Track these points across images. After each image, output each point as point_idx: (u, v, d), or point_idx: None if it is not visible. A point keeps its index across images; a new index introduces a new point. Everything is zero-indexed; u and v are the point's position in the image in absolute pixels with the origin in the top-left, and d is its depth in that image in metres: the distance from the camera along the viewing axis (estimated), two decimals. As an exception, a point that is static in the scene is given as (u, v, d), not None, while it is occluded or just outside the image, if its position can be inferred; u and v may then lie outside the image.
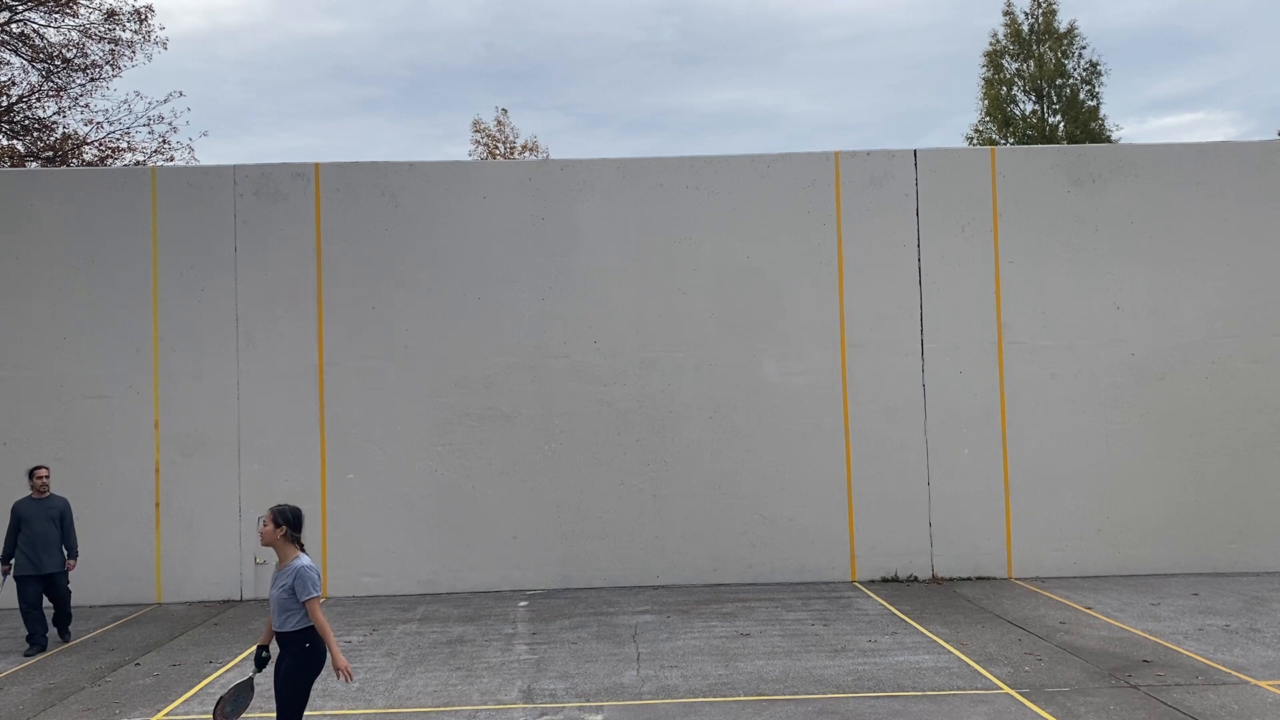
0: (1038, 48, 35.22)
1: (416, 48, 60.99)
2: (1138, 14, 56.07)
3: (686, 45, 65.38)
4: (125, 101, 38.33)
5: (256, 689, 6.28)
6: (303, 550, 6.16)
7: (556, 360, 12.98)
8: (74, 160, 25.50)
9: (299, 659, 5.99)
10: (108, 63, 25.90)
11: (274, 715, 6.13)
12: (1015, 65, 35.57)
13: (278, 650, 6.12)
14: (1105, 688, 8.13)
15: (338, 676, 5.94)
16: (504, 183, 13.16)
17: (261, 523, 6.12)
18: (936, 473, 12.92)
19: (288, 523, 6.09)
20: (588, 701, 8.02)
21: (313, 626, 6.00)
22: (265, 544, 6.14)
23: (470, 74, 62.86)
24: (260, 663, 6.13)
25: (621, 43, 64.22)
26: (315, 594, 5.94)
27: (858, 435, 12.95)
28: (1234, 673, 8.44)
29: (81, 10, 25.32)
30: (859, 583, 12.73)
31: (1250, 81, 56.29)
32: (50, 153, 25.50)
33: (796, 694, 8.13)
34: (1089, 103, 34.60)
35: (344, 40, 59.54)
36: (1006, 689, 8.13)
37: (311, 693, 8.54)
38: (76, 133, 26.03)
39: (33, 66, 25.49)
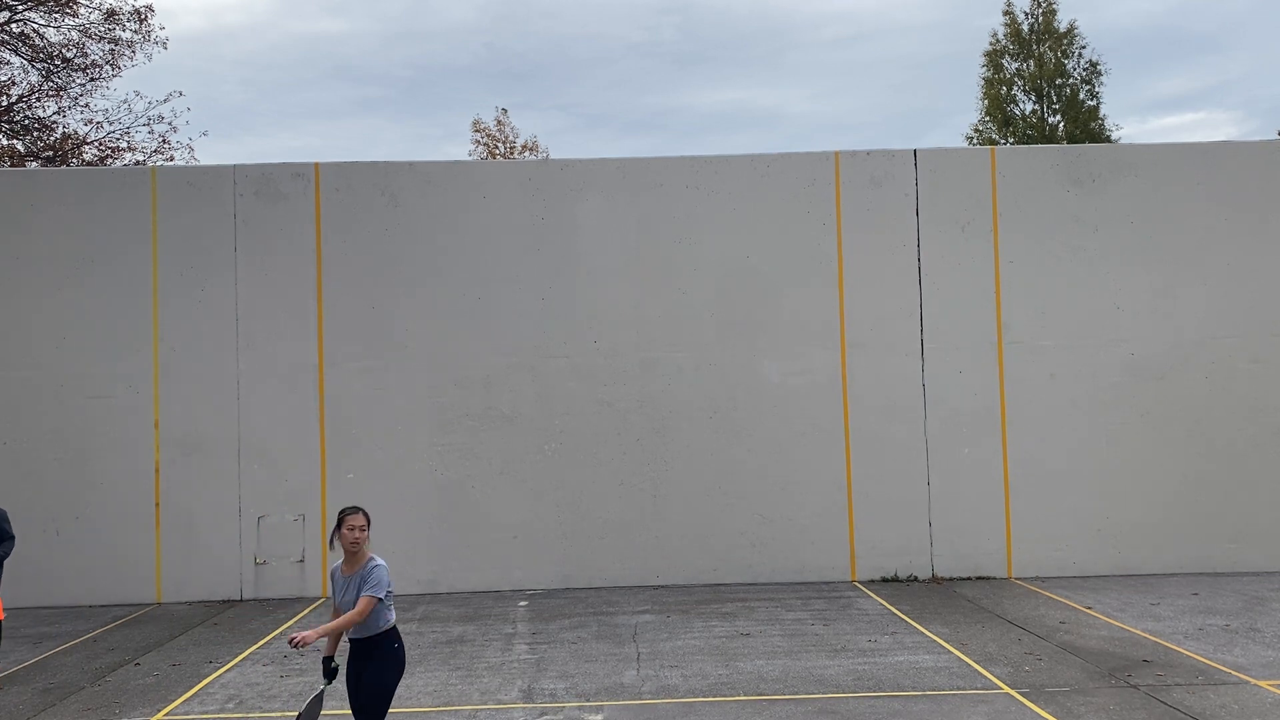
0: (1038, 48, 35.22)
1: (417, 48, 60.99)
2: (1138, 14, 56.11)
3: (687, 45, 65.40)
4: (125, 101, 38.34)
5: (326, 700, 6.01)
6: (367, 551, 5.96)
7: (556, 360, 12.98)
8: (74, 160, 25.49)
9: (387, 660, 5.81)
10: (108, 63, 25.91)
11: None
12: (1015, 65, 35.57)
13: (346, 658, 5.90)
14: (1105, 688, 8.13)
15: (293, 639, 5.45)
16: (504, 183, 13.15)
17: (357, 529, 5.85)
18: (936, 473, 12.92)
19: (368, 522, 5.93)
20: (588, 701, 8.02)
21: (395, 627, 5.90)
22: (356, 547, 5.86)
23: (470, 74, 62.89)
24: (330, 674, 5.85)
25: (622, 43, 64.25)
26: (382, 595, 5.76)
27: (857, 435, 12.95)
28: (1234, 673, 8.44)
29: (81, 10, 25.33)
30: (859, 583, 12.73)
31: (1251, 81, 56.33)
32: (50, 153, 25.50)
33: (796, 694, 8.13)
34: (1089, 103, 34.59)
35: (344, 40, 59.57)
36: (1006, 689, 8.13)
37: (311, 693, 8.56)
38: (76, 133, 26.04)
39: (33, 66, 25.49)
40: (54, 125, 25.98)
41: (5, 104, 25.19)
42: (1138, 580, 12.49)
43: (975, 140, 35.86)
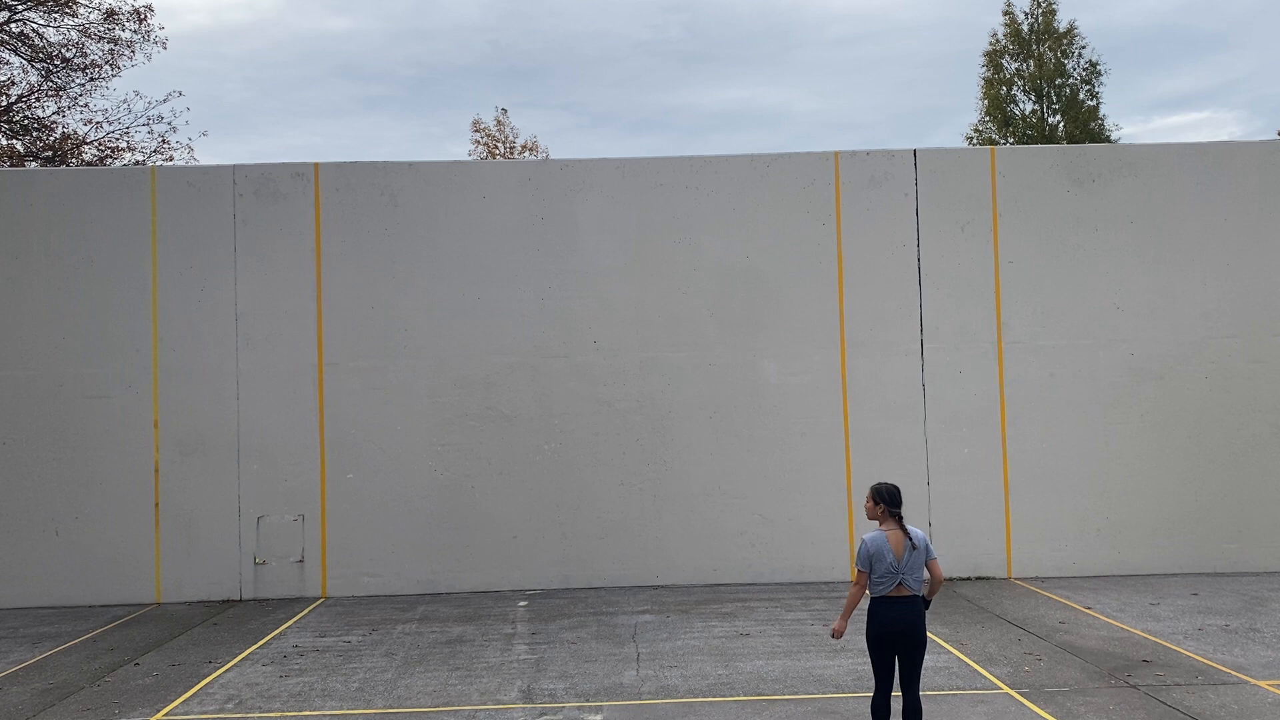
0: (1037, 47, 35.23)
1: (421, 45, 61.04)
2: (1144, 12, 56.15)
3: (693, 44, 65.44)
4: (125, 101, 38.35)
5: None
6: (882, 523, 6.57)
7: (556, 360, 12.97)
8: (74, 160, 25.49)
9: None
10: (107, 62, 25.91)
11: None
12: (1015, 65, 35.58)
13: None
14: (1105, 688, 8.12)
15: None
16: (504, 183, 13.15)
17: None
18: (936, 473, 12.92)
19: (880, 499, 6.59)
20: (587, 701, 8.02)
21: (873, 599, 6.53)
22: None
23: (475, 72, 62.94)
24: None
25: (628, 41, 64.29)
26: (857, 566, 6.55)
27: (857, 435, 12.95)
28: (1233, 673, 8.44)
29: (81, 10, 25.33)
30: (859, 583, 12.71)
31: (1256, 80, 56.40)
32: (50, 152, 25.49)
33: (796, 694, 8.13)
34: (1089, 103, 34.62)
35: (349, 38, 59.62)
36: (1006, 689, 8.13)
37: (311, 692, 8.58)
38: (76, 132, 26.04)
39: (32, 66, 25.49)
40: (54, 125, 25.99)
41: (5, 104, 25.19)
42: (1137, 580, 12.49)
43: (975, 140, 35.88)
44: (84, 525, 12.58)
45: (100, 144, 26.12)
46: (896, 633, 6.43)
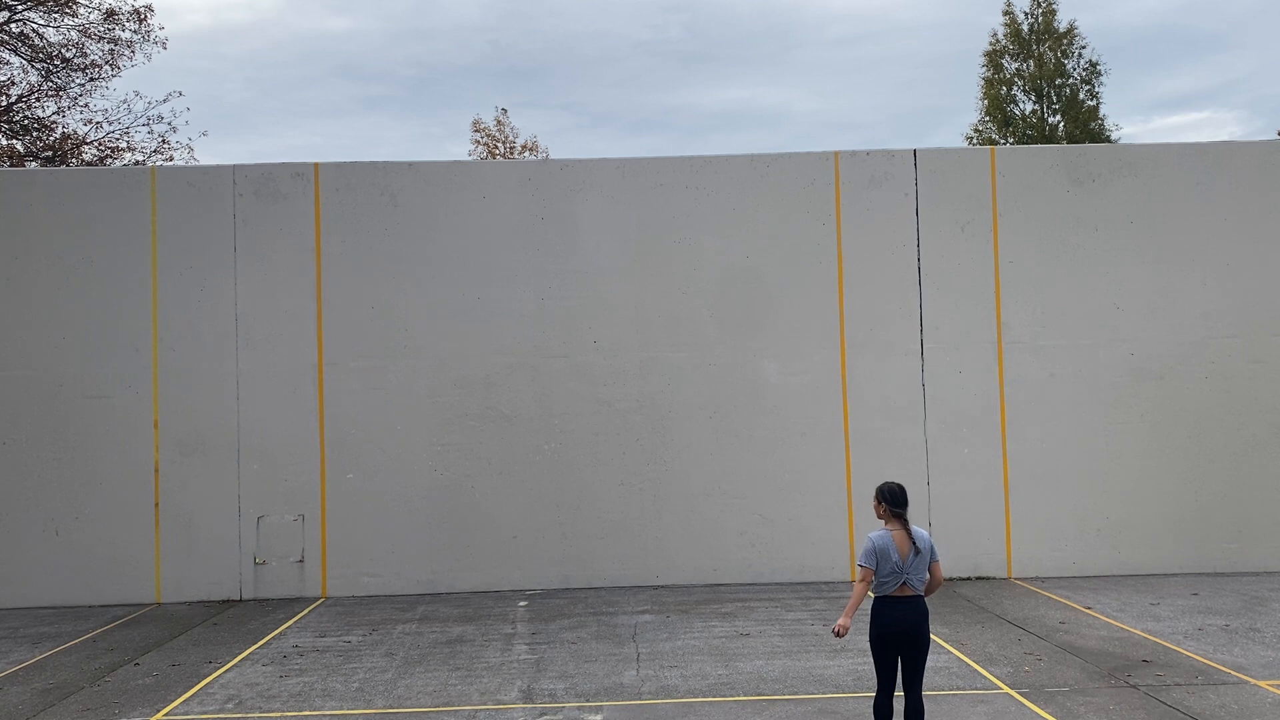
0: (1037, 47, 35.24)
1: (421, 45, 61.06)
2: (1144, 12, 56.17)
3: (693, 43, 65.46)
4: (125, 101, 38.35)
5: None
6: (887, 523, 6.52)
7: (556, 360, 12.97)
8: (73, 160, 25.49)
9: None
10: (107, 62, 25.93)
11: None
12: (1015, 65, 35.58)
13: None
14: (1105, 688, 8.12)
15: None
16: (504, 182, 13.15)
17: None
18: (936, 473, 12.92)
19: (883, 499, 6.55)
20: (587, 701, 8.02)
21: (876, 598, 6.47)
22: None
23: (476, 72, 62.96)
24: None
25: (628, 41, 64.30)
26: (860, 563, 6.47)
27: (857, 435, 12.95)
28: (1233, 673, 8.44)
29: (81, 10, 25.34)
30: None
31: (1257, 79, 56.41)
32: (50, 152, 25.50)
33: (796, 694, 8.13)
34: (1089, 103, 34.63)
35: (349, 38, 59.63)
36: (1006, 689, 8.13)
37: (311, 692, 8.59)
38: (76, 132, 26.04)
39: (32, 66, 25.50)
40: (54, 125, 25.99)
41: (5, 104, 25.19)
42: (1138, 580, 12.49)
43: (975, 140, 35.88)
44: (84, 525, 12.58)
45: (100, 144, 26.12)
46: (900, 633, 6.41)
